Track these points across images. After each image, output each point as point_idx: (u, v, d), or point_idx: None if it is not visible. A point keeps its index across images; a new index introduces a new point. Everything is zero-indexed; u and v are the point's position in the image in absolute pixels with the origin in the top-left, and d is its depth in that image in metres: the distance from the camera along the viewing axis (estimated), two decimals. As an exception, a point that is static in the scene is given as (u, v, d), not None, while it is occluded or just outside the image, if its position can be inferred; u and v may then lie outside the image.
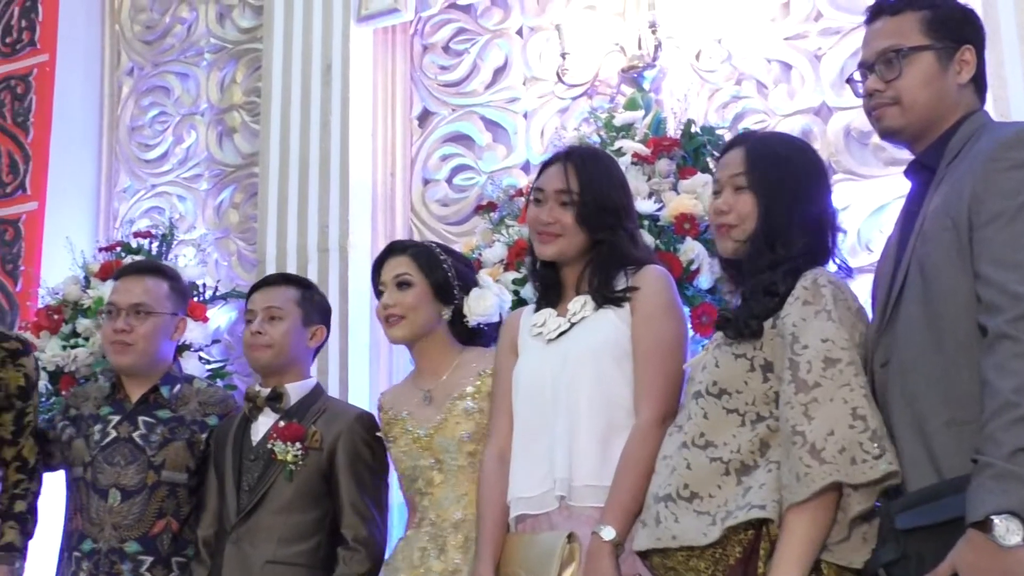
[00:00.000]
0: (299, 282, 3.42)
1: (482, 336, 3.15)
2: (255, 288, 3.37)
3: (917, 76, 2.33)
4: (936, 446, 2.12)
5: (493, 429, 2.85)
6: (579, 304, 2.76)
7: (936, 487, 2.11)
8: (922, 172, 2.38)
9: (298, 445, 3.12)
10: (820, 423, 2.19)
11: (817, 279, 2.34)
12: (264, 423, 3.24)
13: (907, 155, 3.94)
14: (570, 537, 2.56)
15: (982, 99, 2.41)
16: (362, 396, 4.47)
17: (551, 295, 2.86)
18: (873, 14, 2.42)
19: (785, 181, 2.47)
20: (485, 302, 3.10)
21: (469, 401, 2.97)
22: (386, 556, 3.09)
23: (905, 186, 3.89)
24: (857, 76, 2.45)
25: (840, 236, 2.54)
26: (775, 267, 2.39)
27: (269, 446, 3.16)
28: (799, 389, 2.23)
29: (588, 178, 2.78)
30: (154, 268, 3.54)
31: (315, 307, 3.37)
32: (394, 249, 3.15)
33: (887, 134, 2.42)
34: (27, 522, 3.30)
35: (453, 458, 2.93)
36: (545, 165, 2.89)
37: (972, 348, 2.09)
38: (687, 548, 2.30)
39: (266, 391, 3.26)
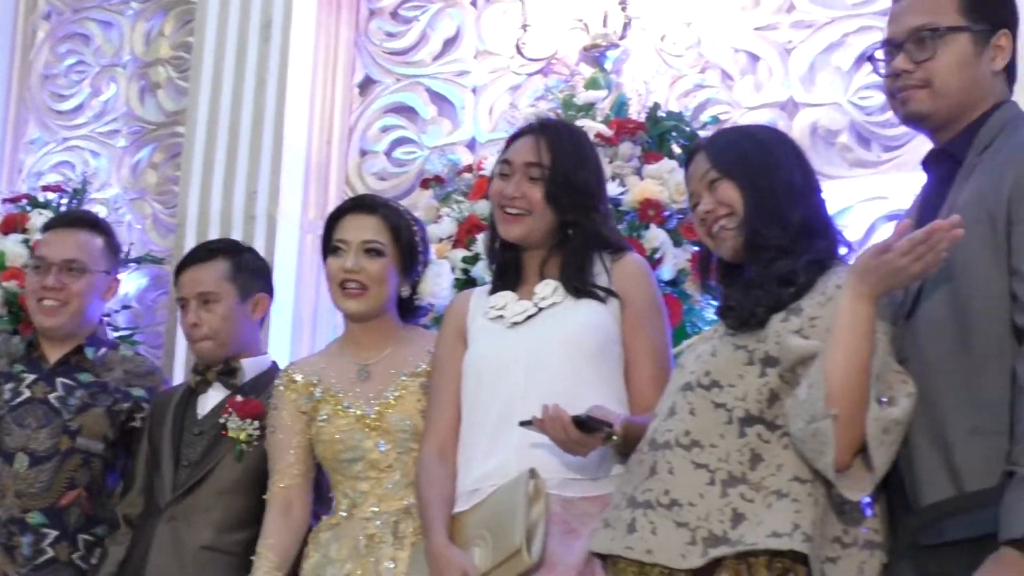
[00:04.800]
0: (226, 251, 3.07)
1: (416, 315, 2.91)
2: (181, 267, 3.04)
3: (952, 59, 2.15)
4: (957, 456, 1.97)
5: (433, 423, 2.57)
6: (548, 288, 2.53)
7: (958, 499, 1.96)
8: (945, 162, 2.20)
9: (255, 424, 2.83)
10: None
11: None
12: (214, 396, 2.96)
13: (872, 156, 3.98)
14: (532, 473, 2.31)
15: (1011, 89, 2.25)
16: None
17: (510, 277, 2.62)
18: None
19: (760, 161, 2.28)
20: (443, 281, 2.88)
21: (426, 379, 2.69)
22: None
23: (868, 189, 3.92)
24: (880, 55, 2.28)
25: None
26: (788, 253, 2.19)
27: (221, 420, 2.88)
28: None
29: (561, 153, 2.55)
30: (90, 221, 3.23)
31: (251, 275, 3.05)
32: (363, 206, 2.82)
33: (912, 119, 2.24)
34: None
35: (407, 439, 2.65)
36: (514, 137, 2.66)
37: (1003, 350, 1.96)
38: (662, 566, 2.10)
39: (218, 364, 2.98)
